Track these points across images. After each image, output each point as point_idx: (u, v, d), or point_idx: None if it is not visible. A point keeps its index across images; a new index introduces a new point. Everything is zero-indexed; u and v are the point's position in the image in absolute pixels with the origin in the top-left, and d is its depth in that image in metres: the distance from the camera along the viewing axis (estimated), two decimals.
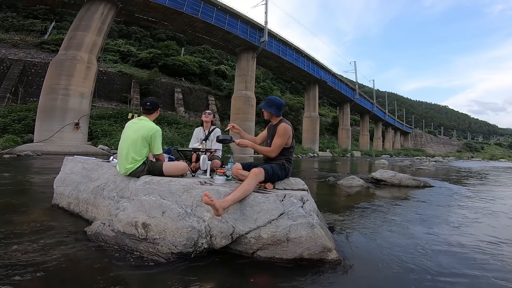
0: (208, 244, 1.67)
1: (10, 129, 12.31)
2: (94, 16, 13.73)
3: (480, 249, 1.99)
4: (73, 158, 2.87)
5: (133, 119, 2.34)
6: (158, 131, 2.21)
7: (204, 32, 20.12)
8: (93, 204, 2.29)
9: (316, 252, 1.61)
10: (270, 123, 2.34)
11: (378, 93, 58.77)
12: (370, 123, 46.00)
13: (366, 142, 41.79)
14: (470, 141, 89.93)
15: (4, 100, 15.28)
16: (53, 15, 28.45)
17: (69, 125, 12.11)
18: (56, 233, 1.94)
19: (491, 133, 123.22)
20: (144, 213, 1.77)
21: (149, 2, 15.68)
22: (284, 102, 2.30)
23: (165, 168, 2.17)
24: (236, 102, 20.99)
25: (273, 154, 2.13)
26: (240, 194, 1.73)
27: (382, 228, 2.44)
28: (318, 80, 29.24)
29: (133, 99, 20.61)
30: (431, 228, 2.50)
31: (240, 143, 2.16)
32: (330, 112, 48.95)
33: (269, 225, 1.68)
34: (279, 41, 23.84)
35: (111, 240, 1.74)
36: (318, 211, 2.04)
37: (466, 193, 4.84)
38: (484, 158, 35.05)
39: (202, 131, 3.18)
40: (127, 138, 2.22)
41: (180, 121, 19.11)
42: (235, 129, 2.39)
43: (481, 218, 2.97)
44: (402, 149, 51.43)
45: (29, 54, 19.39)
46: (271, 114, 2.24)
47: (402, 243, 2.05)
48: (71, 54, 12.81)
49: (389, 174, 5.60)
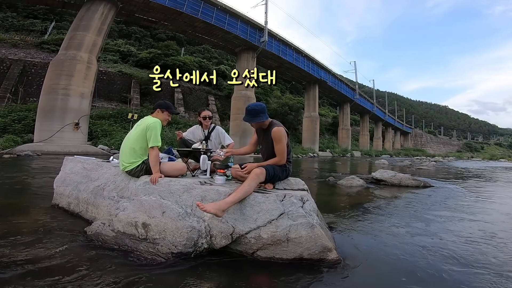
0: (208, 244, 1.67)
1: (10, 129, 12.31)
2: (94, 16, 13.73)
3: (480, 248, 1.99)
4: (73, 158, 2.86)
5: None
6: (155, 122, 2.18)
7: (204, 32, 20.12)
8: (93, 204, 2.29)
9: (316, 252, 1.61)
10: (259, 127, 2.24)
11: (378, 93, 58.77)
12: (370, 123, 45.97)
13: (366, 142, 41.76)
14: (470, 141, 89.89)
15: (4, 100, 15.27)
16: (53, 15, 28.43)
17: (69, 125, 12.11)
18: (56, 233, 1.94)
19: (491, 133, 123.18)
20: (144, 213, 1.77)
21: (149, 2, 15.67)
22: (264, 104, 2.19)
23: (163, 168, 2.15)
24: (236, 102, 20.98)
25: (283, 160, 2.10)
26: (240, 195, 1.73)
27: (382, 228, 2.44)
28: (318, 80, 29.24)
29: (133, 99, 20.60)
30: (431, 228, 2.50)
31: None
32: (330, 112, 48.91)
33: (269, 225, 1.68)
34: (279, 41, 23.84)
35: (111, 240, 1.74)
36: (318, 211, 2.04)
37: (466, 193, 4.84)
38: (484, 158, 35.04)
39: (201, 130, 3.14)
40: (129, 135, 2.29)
41: (180, 121, 19.11)
42: (228, 154, 2.36)
43: (481, 218, 2.96)
44: (402, 149, 51.39)
45: (29, 54, 19.38)
46: (261, 122, 2.12)
47: (402, 243, 2.05)
48: (71, 54, 12.81)
49: (389, 174, 5.60)
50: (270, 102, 30.45)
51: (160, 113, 2.34)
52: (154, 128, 2.15)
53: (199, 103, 25.62)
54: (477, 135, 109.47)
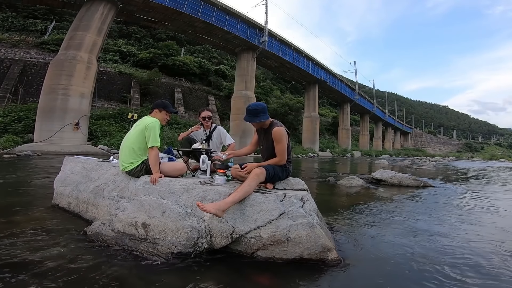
0: (208, 244, 1.67)
1: (10, 129, 12.31)
2: (94, 16, 13.73)
3: (480, 248, 1.99)
4: (73, 158, 2.86)
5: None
6: (153, 122, 2.18)
7: (204, 32, 20.12)
8: (93, 204, 2.29)
9: (316, 252, 1.61)
10: (260, 127, 2.25)
11: (378, 93, 58.75)
12: (370, 123, 45.98)
13: (366, 142, 41.78)
14: (470, 141, 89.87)
15: (4, 100, 15.27)
16: (53, 15, 28.43)
17: (69, 125, 12.11)
18: (56, 233, 1.94)
19: (491, 133, 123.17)
20: (144, 213, 1.77)
21: (149, 2, 15.67)
22: (264, 103, 2.19)
23: (163, 168, 2.14)
24: (236, 102, 20.98)
25: (283, 160, 2.10)
26: (240, 195, 1.73)
27: (382, 228, 2.44)
28: (318, 80, 29.24)
29: (133, 99, 20.60)
30: (431, 228, 2.50)
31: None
32: (330, 112, 48.91)
33: (269, 225, 1.68)
34: (279, 41, 23.84)
35: (111, 240, 1.74)
36: (318, 211, 2.04)
37: (466, 193, 4.84)
38: (484, 158, 35.01)
39: (203, 130, 3.14)
40: (128, 135, 2.29)
41: (180, 121, 19.12)
42: (230, 156, 2.36)
43: (481, 217, 2.96)
44: (402, 149, 51.40)
45: (29, 54, 19.37)
46: (261, 122, 2.13)
47: (402, 243, 2.05)
48: (71, 54, 12.80)
49: (389, 174, 5.60)
50: (270, 102, 30.47)
51: (158, 112, 2.34)
52: (153, 128, 2.14)
53: (199, 103, 25.62)
54: (477, 135, 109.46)
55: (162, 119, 2.32)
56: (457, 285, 1.44)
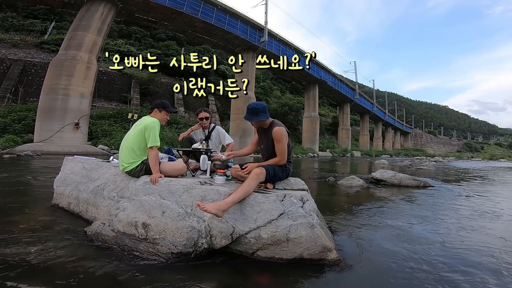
0: (208, 244, 1.66)
1: (10, 129, 12.32)
2: (94, 16, 13.73)
3: (480, 248, 1.99)
4: (73, 158, 2.86)
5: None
6: (153, 122, 2.17)
7: (204, 32, 20.13)
8: (93, 204, 2.29)
9: (316, 252, 1.61)
10: (260, 127, 2.24)
11: (378, 93, 58.77)
12: (370, 123, 45.97)
13: (366, 142, 41.77)
14: (470, 141, 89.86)
15: (4, 100, 15.27)
16: (53, 15, 28.42)
17: (69, 125, 12.12)
18: (56, 233, 1.94)
19: (491, 133, 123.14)
20: (144, 213, 1.77)
21: (149, 2, 15.68)
22: (264, 103, 2.19)
23: (163, 168, 2.14)
24: (236, 102, 20.95)
25: (283, 160, 2.10)
26: (240, 195, 1.72)
27: (382, 228, 2.44)
28: (318, 80, 29.24)
29: (133, 99, 20.60)
30: (431, 228, 2.50)
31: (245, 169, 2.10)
32: (330, 112, 48.90)
33: (269, 225, 1.68)
34: (279, 41, 23.86)
35: (111, 240, 1.74)
36: (318, 211, 2.04)
37: (465, 193, 4.83)
38: (484, 158, 35.03)
39: (201, 130, 3.14)
40: (127, 135, 2.29)
41: (180, 121, 19.12)
42: (230, 156, 2.35)
43: (480, 217, 2.96)
44: (402, 149, 51.39)
45: (29, 54, 19.37)
46: (261, 121, 2.12)
47: (402, 243, 2.05)
48: (71, 54, 12.81)
49: (389, 174, 5.60)
50: (270, 102, 30.46)
51: (158, 112, 2.33)
52: (153, 128, 2.14)
53: (199, 103, 25.58)
54: (477, 135, 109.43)
55: (162, 119, 2.32)
56: (457, 285, 1.44)
